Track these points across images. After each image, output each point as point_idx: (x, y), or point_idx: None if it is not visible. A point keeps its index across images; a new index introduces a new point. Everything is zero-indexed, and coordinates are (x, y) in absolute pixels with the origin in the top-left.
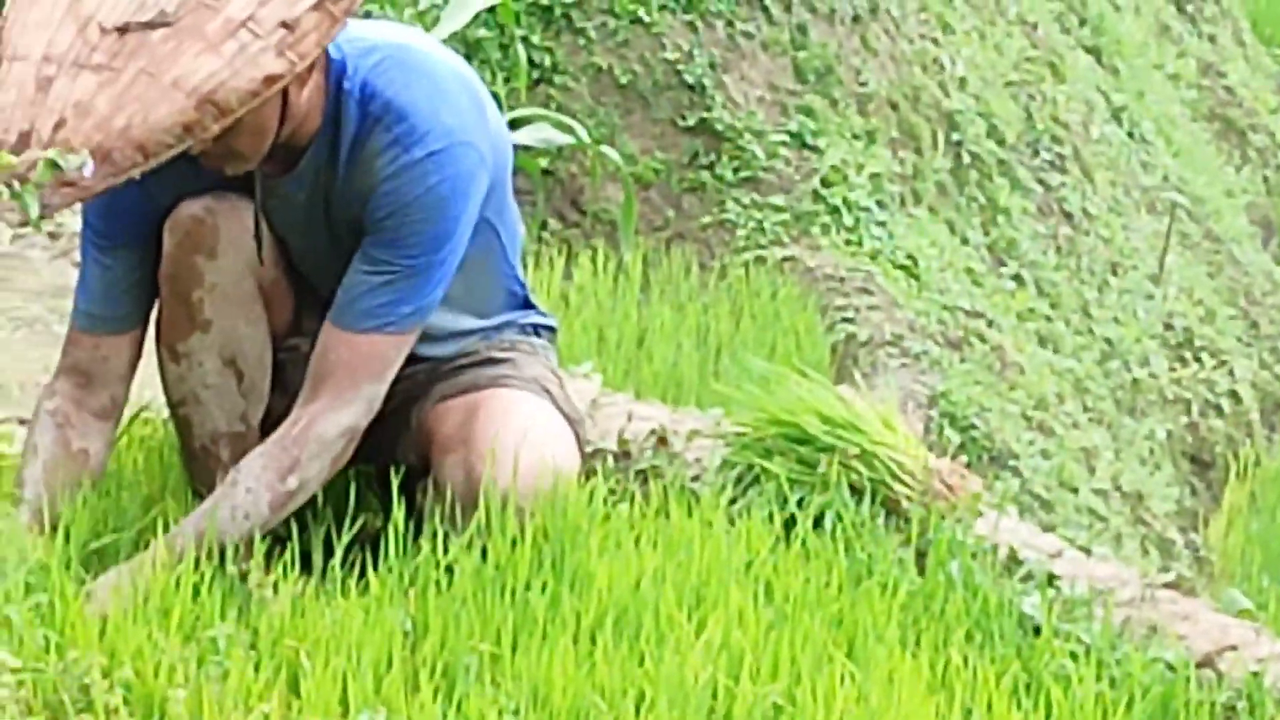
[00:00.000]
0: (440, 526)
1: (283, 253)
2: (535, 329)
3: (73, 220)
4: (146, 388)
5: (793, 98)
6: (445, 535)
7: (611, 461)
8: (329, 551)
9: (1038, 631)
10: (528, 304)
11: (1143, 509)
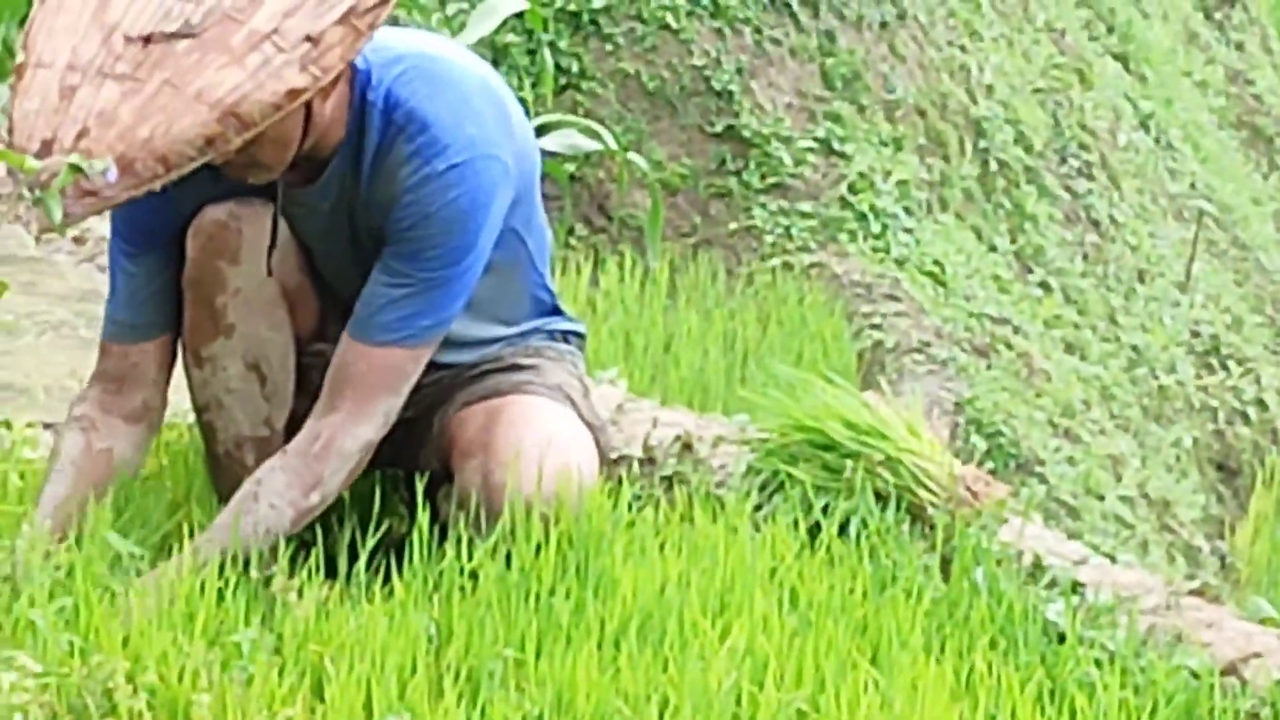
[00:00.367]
0: (464, 532)
1: (307, 259)
2: (562, 335)
3: (99, 225)
4: (173, 392)
5: (820, 104)
6: (469, 541)
7: (636, 467)
8: (353, 556)
9: (1062, 639)
10: (555, 310)
11: (1169, 516)
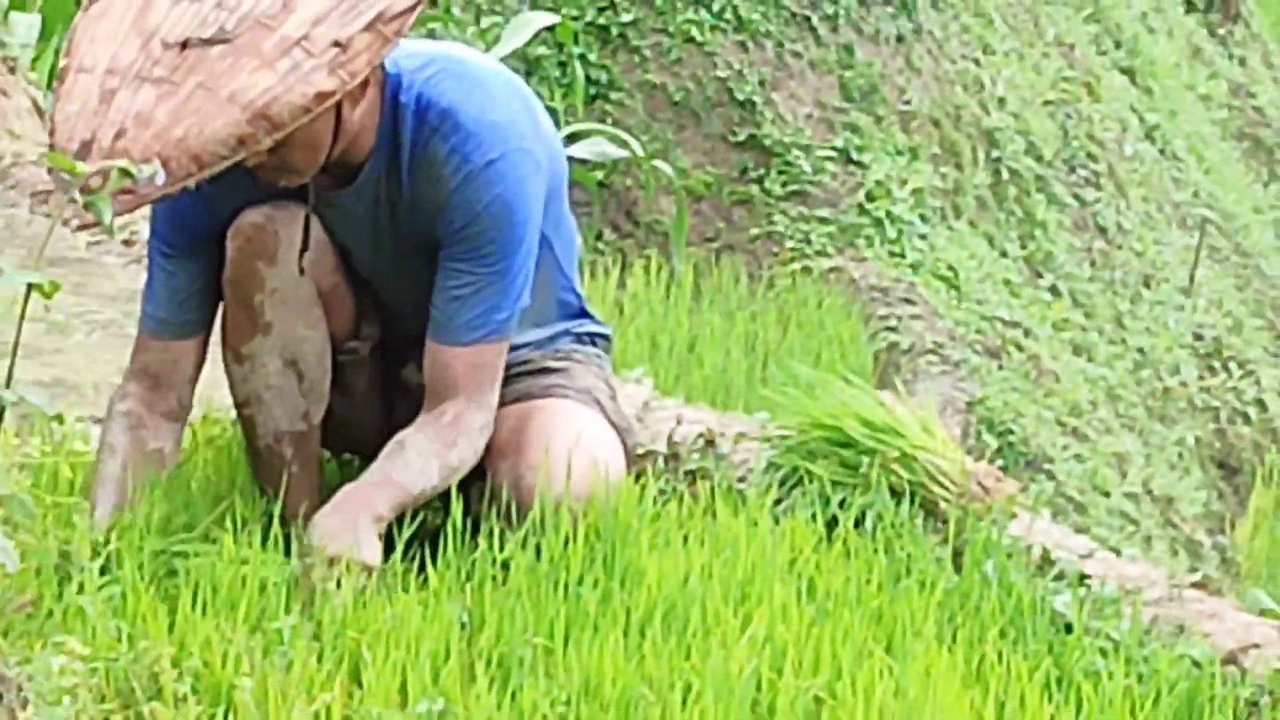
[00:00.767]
0: (496, 525)
1: (343, 260)
2: (590, 337)
3: (146, 228)
4: (217, 388)
5: (839, 115)
6: (501, 533)
7: (661, 463)
8: (389, 547)
9: (1069, 629)
10: (583, 313)
11: (1172, 512)
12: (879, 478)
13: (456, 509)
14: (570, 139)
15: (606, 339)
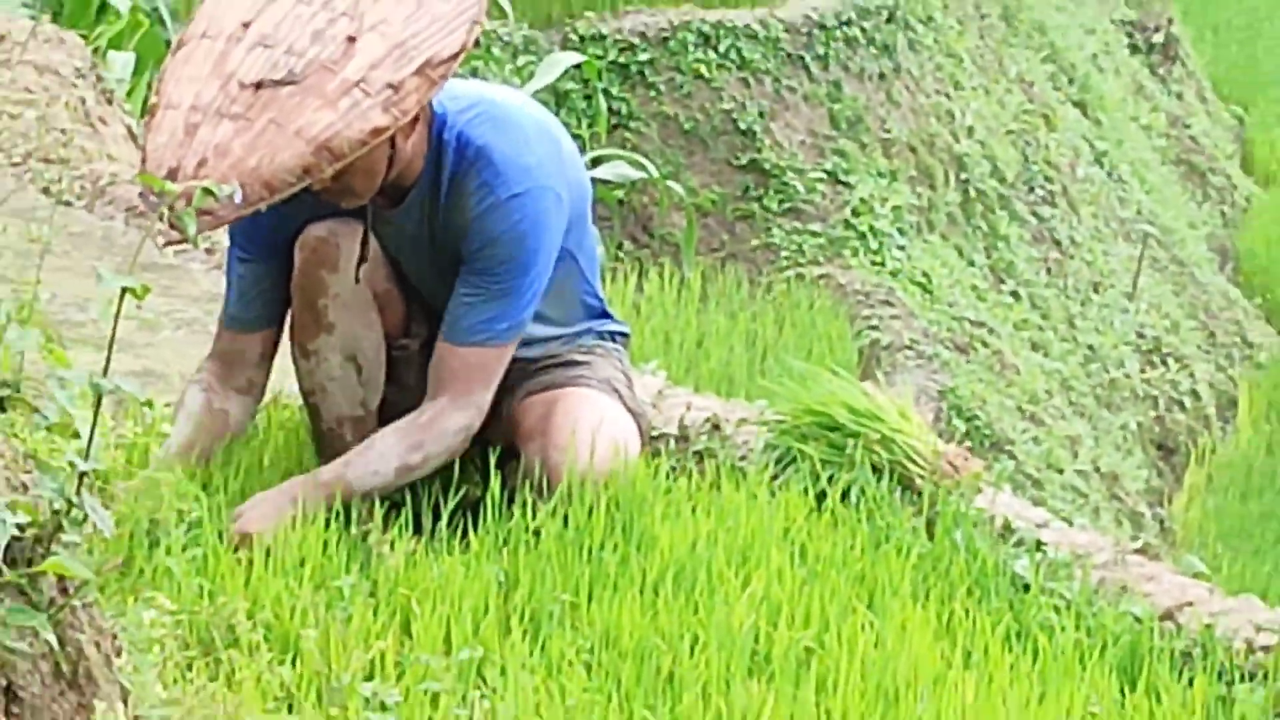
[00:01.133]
0: (528, 497)
1: (395, 269)
2: (610, 335)
3: (225, 239)
4: (286, 378)
5: (828, 142)
6: (533, 504)
7: (673, 444)
8: (436, 516)
9: (1027, 589)
10: (604, 314)
11: (1117, 487)
12: (862, 457)
13: (495, 483)
14: (594, 162)
15: (625, 336)
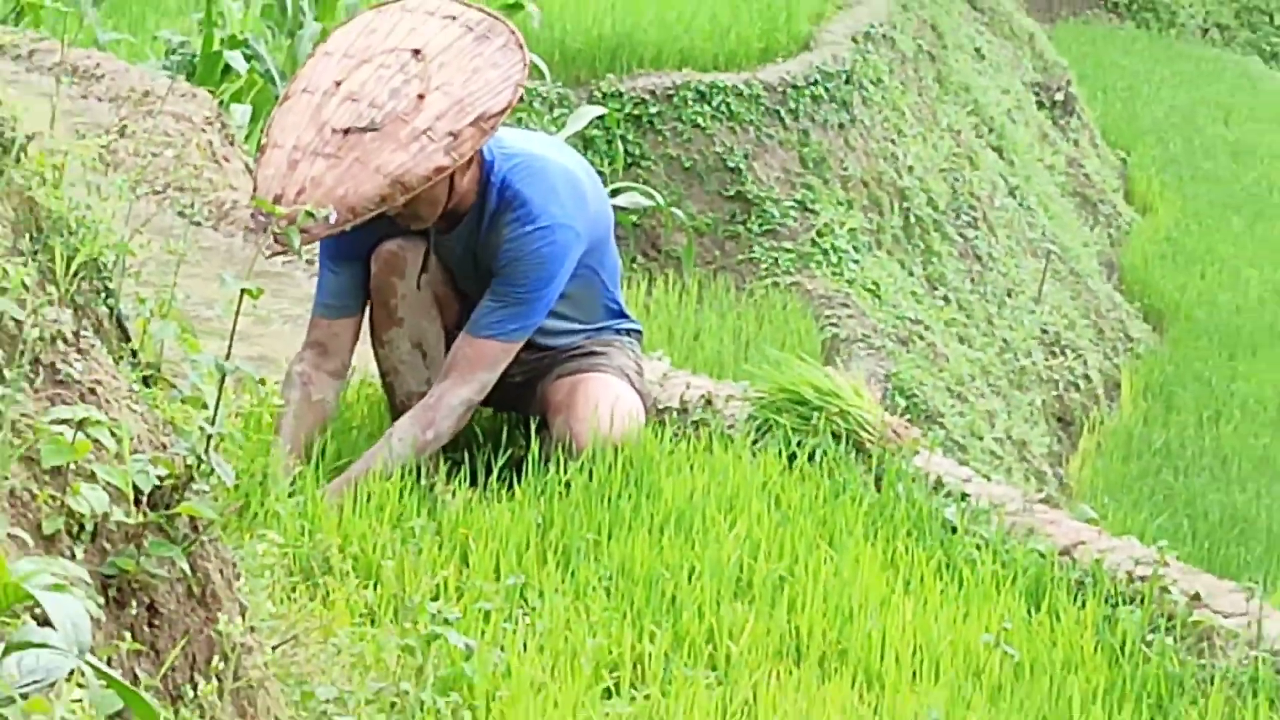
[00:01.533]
0: (560, 457)
1: (449, 277)
2: (626, 331)
3: (319, 251)
4: (368, 362)
5: (798, 178)
6: (563, 463)
7: (675, 415)
8: (488, 472)
9: (954, 530)
10: (621, 314)
11: (1025, 451)
12: (824, 426)
13: (534, 447)
14: (613, 194)
15: (638, 332)
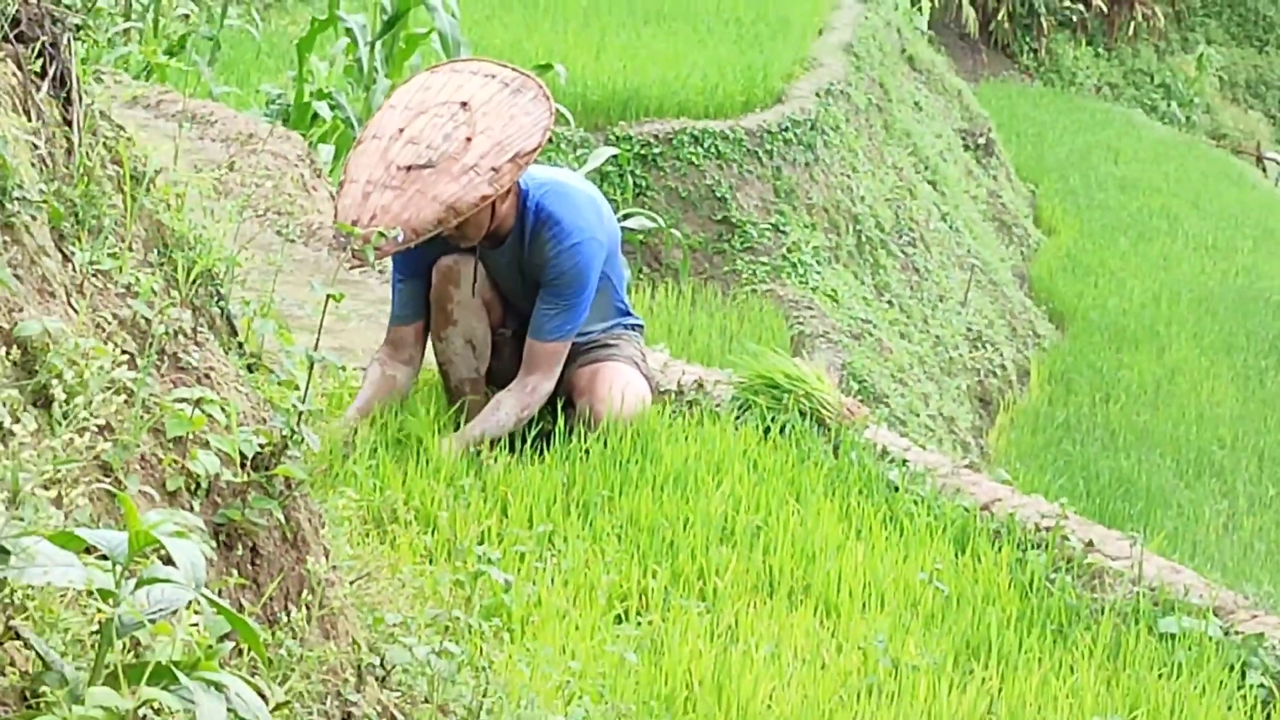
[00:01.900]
0: (582, 429)
1: (495, 285)
2: (632, 326)
3: (390, 266)
4: (430, 354)
5: (773, 205)
6: (585, 433)
7: (673, 396)
8: (523, 441)
9: (896, 490)
10: (628, 313)
11: (954, 426)
12: (793, 405)
13: (560, 421)
14: (624, 217)
15: (641, 327)
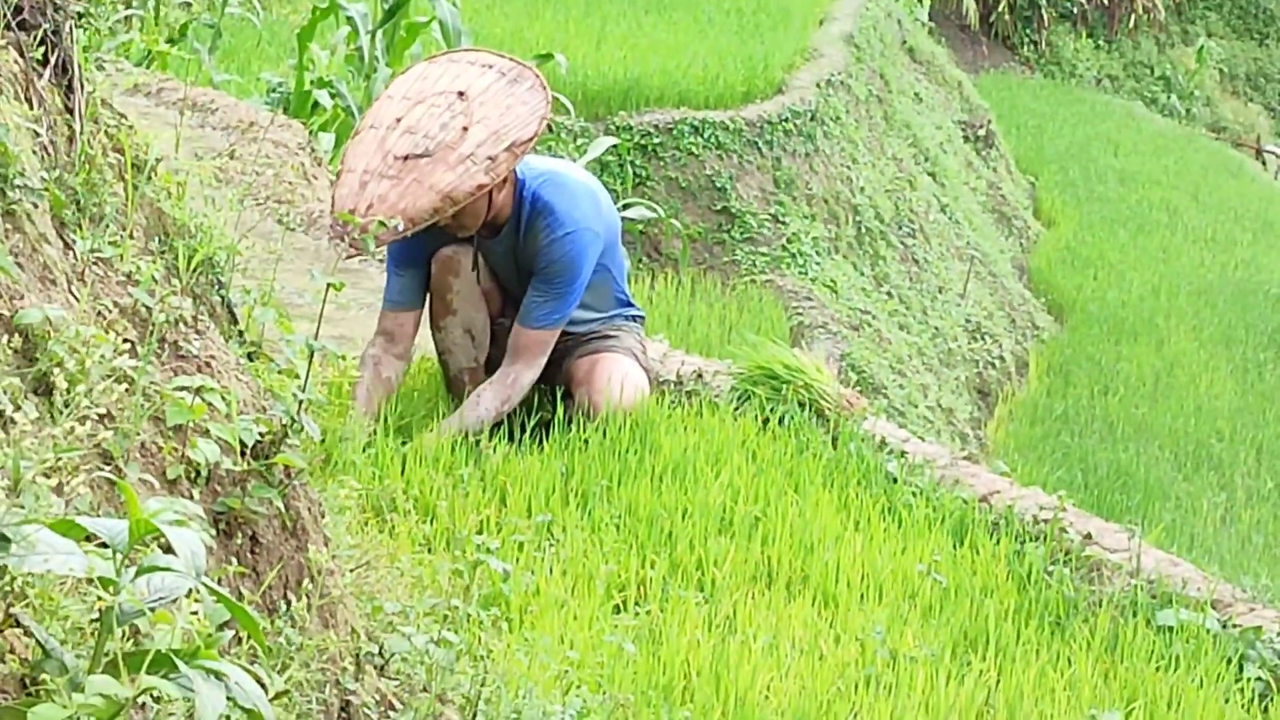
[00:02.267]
0: (580, 419)
1: (493, 274)
2: (632, 317)
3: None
4: (428, 343)
5: (772, 196)
6: (583, 423)
7: (672, 386)
8: (523, 430)
9: (895, 481)
10: (629, 303)
11: (953, 418)
12: (792, 396)
13: (560, 411)
14: (623, 207)
15: (642, 317)
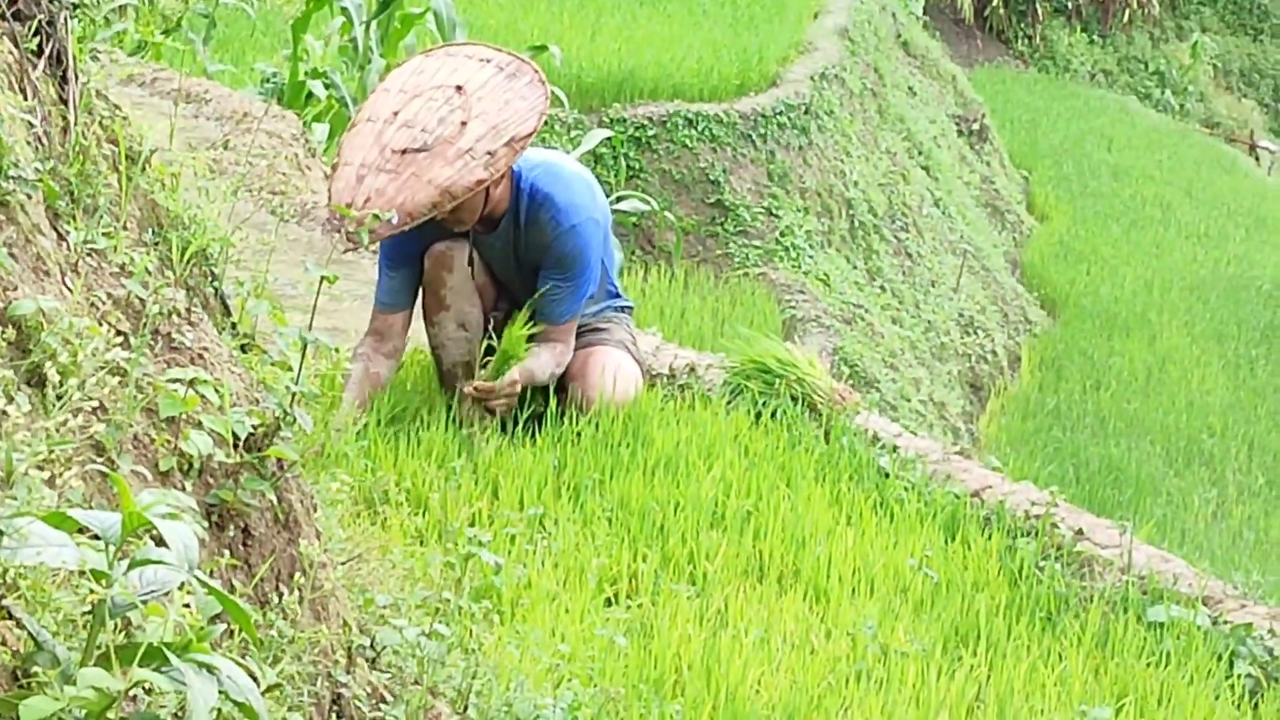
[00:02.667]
0: (573, 412)
1: (488, 269)
2: (623, 309)
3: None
4: (421, 336)
5: (766, 189)
6: (576, 416)
7: (665, 379)
8: (515, 423)
9: (887, 476)
10: (618, 295)
11: (944, 412)
12: (784, 390)
13: (553, 404)
14: (617, 200)
15: (630, 308)
